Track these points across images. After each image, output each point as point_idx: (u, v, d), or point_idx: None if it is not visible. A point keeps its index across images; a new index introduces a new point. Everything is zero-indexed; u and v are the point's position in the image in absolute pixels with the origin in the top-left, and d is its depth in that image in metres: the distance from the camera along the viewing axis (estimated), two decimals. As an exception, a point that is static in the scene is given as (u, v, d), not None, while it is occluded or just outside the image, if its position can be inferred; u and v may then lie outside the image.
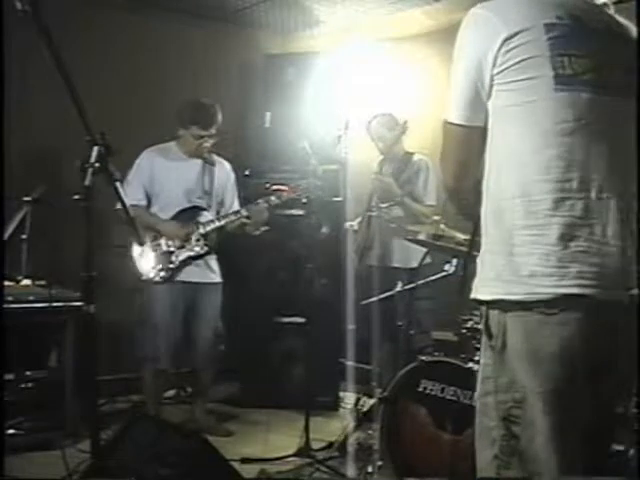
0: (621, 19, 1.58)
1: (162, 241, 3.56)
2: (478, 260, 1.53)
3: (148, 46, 4.51)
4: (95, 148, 1.89)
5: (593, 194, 1.40)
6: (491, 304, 1.46)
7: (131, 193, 3.44)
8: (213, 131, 3.60)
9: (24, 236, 3.47)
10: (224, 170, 3.82)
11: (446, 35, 4.68)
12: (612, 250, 1.39)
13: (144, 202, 3.60)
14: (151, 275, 3.53)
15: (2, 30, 2.18)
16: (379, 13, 4.60)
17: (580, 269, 1.36)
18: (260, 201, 3.62)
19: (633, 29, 1.57)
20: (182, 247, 3.57)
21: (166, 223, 3.59)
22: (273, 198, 3.62)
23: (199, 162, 3.70)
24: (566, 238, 1.37)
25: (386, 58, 4.99)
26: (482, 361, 1.51)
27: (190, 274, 3.61)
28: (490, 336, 1.46)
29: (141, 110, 4.36)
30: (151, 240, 3.55)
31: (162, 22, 4.61)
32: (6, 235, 3.28)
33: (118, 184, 1.98)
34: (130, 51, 4.42)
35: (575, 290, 1.35)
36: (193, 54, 4.71)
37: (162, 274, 3.54)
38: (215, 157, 3.78)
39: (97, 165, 1.89)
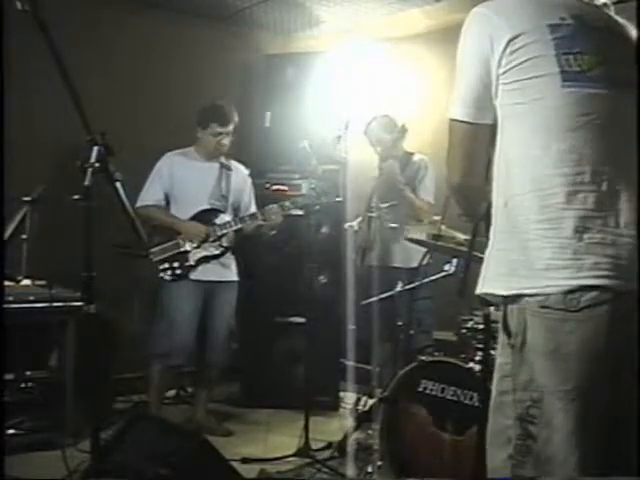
0: (619, 18, 1.60)
1: (180, 240, 3.63)
2: (485, 256, 1.53)
3: (148, 46, 4.51)
4: (95, 148, 1.90)
5: (604, 186, 1.40)
6: (508, 300, 1.45)
7: (152, 194, 3.66)
8: (230, 128, 3.72)
9: (24, 236, 3.46)
10: (241, 175, 3.90)
11: (446, 35, 4.72)
12: (626, 240, 1.39)
13: (164, 203, 3.71)
14: (168, 273, 3.59)
15: (2, 30, 2.18)
16: (379, 13, 4.59)
17: (596, 260, 1.37)
18: (274, 206, 3.70)
19: (631, 28, 1.59)
20: (199, 247, 3.64)
21: (186, 222, 3.67)
22: (287, 203, 3.70)
23: (217, 166, 3.79)
24: (580, 230, 1.38)
25: (386, 58, 4.99)
26: (499, 360, 1.50)
27: (206, 273, 3.68)
28: (509, 334, 1.45)
29: (141, 110, 4.36)
30: (170, 239, 3.63)
31: (162, 22, 4.60)
32: (6, 235, 3.28)
33: (118, 184, 1.99)
34: (130, 51, 4.42)
35: (591, 281, 1.35)
36: (193, 54, 4.71)
37: (178, 272, 3.61)
38: (232, 162, 3.87)
39: (97, 165, 1.90)
